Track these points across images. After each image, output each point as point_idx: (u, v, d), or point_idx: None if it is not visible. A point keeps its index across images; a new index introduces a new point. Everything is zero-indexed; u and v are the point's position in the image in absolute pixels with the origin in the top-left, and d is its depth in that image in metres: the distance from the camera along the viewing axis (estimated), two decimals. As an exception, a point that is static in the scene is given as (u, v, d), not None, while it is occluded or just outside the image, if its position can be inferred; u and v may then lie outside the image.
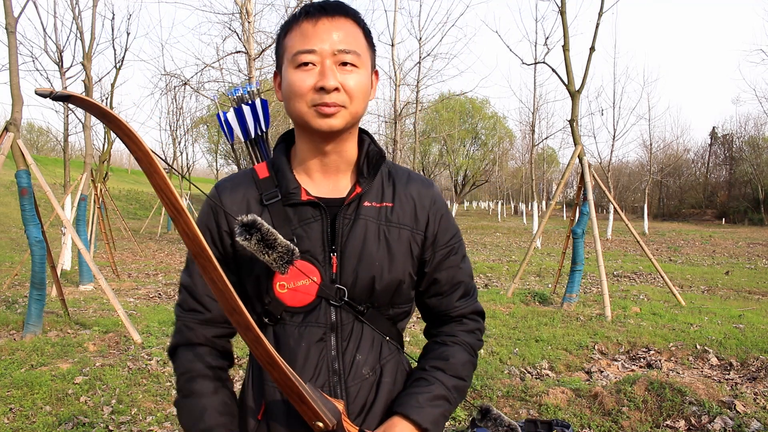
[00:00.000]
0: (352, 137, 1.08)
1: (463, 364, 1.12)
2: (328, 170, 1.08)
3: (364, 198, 1.07)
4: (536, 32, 29.24)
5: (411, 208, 1.10)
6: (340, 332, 1.05)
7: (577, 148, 6.84)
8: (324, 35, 0.98)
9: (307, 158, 1.07)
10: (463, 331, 1.15)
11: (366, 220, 1.06)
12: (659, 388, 3.54)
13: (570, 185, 30.64)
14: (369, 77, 1.04)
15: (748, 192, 37.75)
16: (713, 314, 6.22)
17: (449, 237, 1.13)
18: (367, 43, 1.05)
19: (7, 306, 6.42)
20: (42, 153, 44.19)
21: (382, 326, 1.08)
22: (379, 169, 1.10)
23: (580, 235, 6.72)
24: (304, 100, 0.99)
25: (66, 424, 3.26)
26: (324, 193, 1.08)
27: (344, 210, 1.06)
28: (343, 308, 1.04)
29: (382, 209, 1.08)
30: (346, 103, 0.99)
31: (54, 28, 12.51)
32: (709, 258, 13.31)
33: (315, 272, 1.03)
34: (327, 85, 0.97)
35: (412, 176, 1.14)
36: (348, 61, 0.99)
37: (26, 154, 4.97)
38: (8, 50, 5.16)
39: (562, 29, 7.30)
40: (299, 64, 0.99)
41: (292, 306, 1.03)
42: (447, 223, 1.13)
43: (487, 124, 41.02)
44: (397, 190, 1.10)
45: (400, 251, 1.07)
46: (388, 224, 1.07)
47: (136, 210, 30.33)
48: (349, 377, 1.05)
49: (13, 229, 18.02)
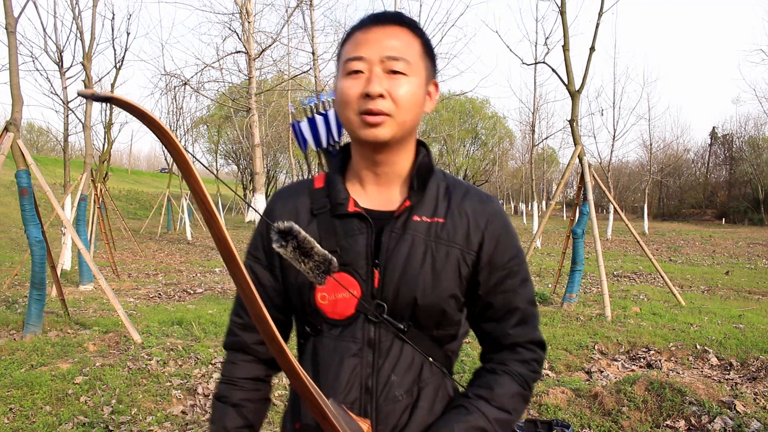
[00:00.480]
0: (405, 149, 1.05)
1: (510, 396, 1.03)
2: (381, 182, 1.06)
3: (415, 212, 1.03)
4: (536, 32, 29.20)
5: (464, 226, 1.03)
6: (377, 349, 1.01)
7: (577, 148, 6.84)
8: (374, 43, 0.98)
9: (360, 169, 1.06)
10: (516, 361, 1.06)
11: (414, 236, 1.02)
12: (659, 388, 3.54)
13: (570, 185, 30.64)
14: (422, 87, 1.01)
15: (748, 192, 37.77)
16: (713, 314, 6.22)
17: (507, 259, 1.05)
18: (424, 52, 1.02)
19: (7, 306, 6.42)
20: (42, 153, 44.19)
21: (425, 347, 1.03)
22: (427, 182, 1.05)
23: (580, 235, 6.72)
24: (352, 108, 0.98)
25: (66, 424, 3.27)
26: (375, 205, 1.05)
27: (392, 224, 1.02)
28: (382, 325, 1.01)
29: (433, 225, 1.03)
30: (392, 111, 0.97)
31: (54, 28, 12.50)
32: (709, 258, 13.31)
33: (355, 285, 1.00)
34: (371, 90, 0.95)
35: (470, 191, 1.08)
36: (397, 69, 0.97)
37: (26, 154, 4.97)
38: (8, 50, 5.16)
39: (562, 29, 7.30)
40: (349, 72, 0.98)
41: (331, 318, 1.02)
42: (505, 244, 1.05)
43: (487, 124, 41.04)
44: (452, 205, 1.05)
45: (447, 271, 1.01)
46: (437, 241, 1.02)
47: (136, 210, 30.33)
48: (381, 396, 1.00)
49: (13, 229, 18.02)
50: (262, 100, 17.52)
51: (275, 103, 19.47)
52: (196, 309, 6.48)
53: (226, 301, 7.23)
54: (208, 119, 28.84)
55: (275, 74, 17.99)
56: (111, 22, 14.38)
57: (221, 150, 35.02)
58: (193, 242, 17.33)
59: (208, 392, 3.85)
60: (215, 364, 4.40)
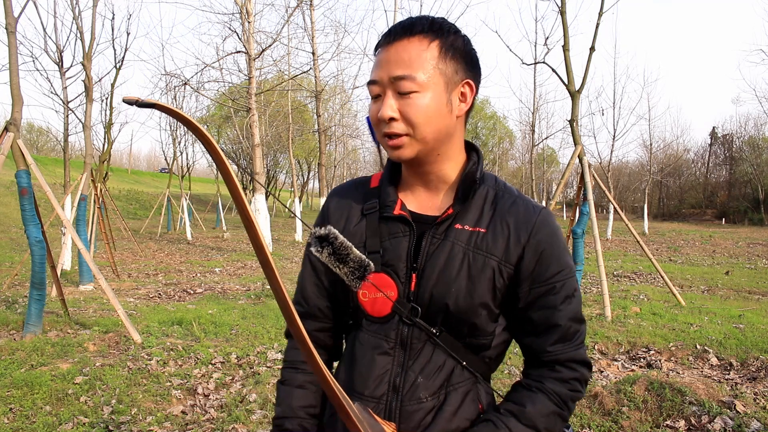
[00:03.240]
0: (447, 158, 1.05)
1: (543, 415, 1.00)
2: (429, 187, 1.08)
3: (458, 220, 1.04)
4: (536, 32, 29.26)
5: (505, 237, 1.02)
6: (408, 350, 1.03)
7: (577, 148, 6.84)
8: (384, 64, 0.98)
9: (408, 175, 1.09)
10: (554, 379, 1.03)
11: (454, 243, 1.02)
12: (659, 388, 3.54)
13: (570, 185, 30.64)
14: (440, 96, 0.98)
15: (748, 192, 37.78)
16: (713, 314, 6.22)
17: (549, 275, 1.02)
18: (443, 55, 0.98)
19: (7, 306, 6.42)
20: (42, 153, 44.20)
21: (458, 352, 1.03)
22: (471, 192, 1.04)
23: (580, 235, 6.72)
24: (379, 131, 1.01)
25: (66, 424, 3.26)
26: (423, 209, 1.07)
27: (434, 229, 1.04)
28: (416, 327, 1.02)
29: (474, 234, 1.03)
30: (408, 131, 0.98)
31: (54, 28, 12.52)
32: (709, 258, 13.31)
33: (393, 287, 1.03)
34: (381, 116, 0.98)
35: (517, 202, 1.05)
36: (404, 89, 0.97)
37: (26, 154, 4.97)
38: (8, 50, 5.16)
39: (562, 29, 7.30)
40: (372, 96, 1.02)
41: (371, 315, 1.05)
42: (549, 259, 1.02)
43: (487, 124, 41.04)
44: (496, 215, 1.04)
45: (481, 281, 1.01)
46: (476, 251, 1.02)
47: (136, 210, 30.33)
48: (407, 396, 1.02)
49: (13, 229, 18.02)
50: (262, 100, 17.52)
51: (275, 103, 19.47)
52: (196, 309, 6.48)
53: (226, 301, 7.23)
54: (208, 119, 28.83)
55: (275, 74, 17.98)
56: (111, 22, 14.40)
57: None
58: (193, 242, 17.33)
59: (208, 392, 3.86)
60: (215, 364, 4.40)
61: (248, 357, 4.57)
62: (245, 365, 4.41)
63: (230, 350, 4.69)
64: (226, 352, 4.63)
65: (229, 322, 5.69)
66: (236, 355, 4.60)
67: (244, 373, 4.25)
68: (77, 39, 10.05)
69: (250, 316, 6.07)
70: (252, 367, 4.38)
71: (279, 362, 4.44)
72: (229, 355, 4.59)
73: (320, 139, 15.34)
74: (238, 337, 5.20)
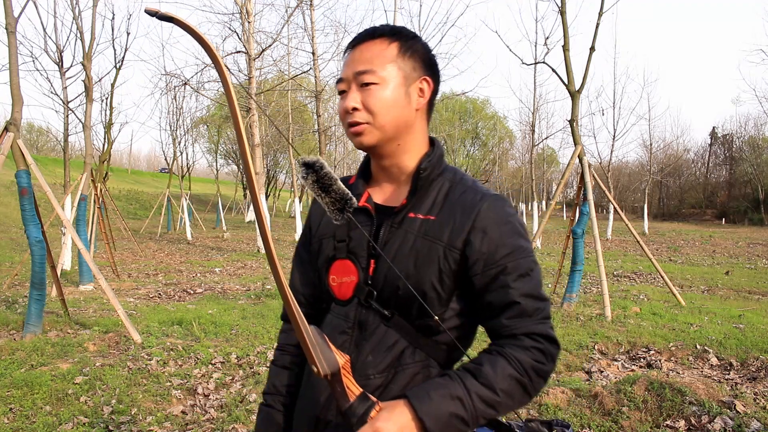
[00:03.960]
0: (407, 150, 1.14)
1: (502, 377, 0.99)
2: (392, 180, 1.18)
3: (413, 209, 1.11)
4: (536, 32, 29.20)
5: (451, 224, 1.07)
6: (364, 330, 1.11)
7: (577, 148, 6.84)
8: (350, 63, 1.11)
9: (375, 169, 1.20)
10: (515, 346, 1.02)
11: (407, 231, 1.10)
12: (659, 388, 3.54)
13: (570, 185, 30.62)
14: (398, 88, 1.09)
15: (748, 192, 37.78)
16: (713, 314, 6.22)
17: (499, 256, 1.04)
18: (400, 54, 1.10)
19: (7, 306, 6.42)
20: (42, 153, 44.19)
21: (409, 334, 1.09)
22: (422, 183, 1.11)
23: (580, 235, 6.72)
24: (344, 122, 1.12)
25: (66, 424, 3.26)
26: (386, 201, 1.17)
27: (392, 219, 1.12)
28: (372, 309, 1.11)
29: (425, 222, 1.09)
30: (368, 119, 1.08)
31: (54, 28, 12.53)
32: (709, 258, 13.31)
33: (355, 272, 1.13)
34: (345, 106, 1.09)
35: (468, 191, 1.11)
36: (366, 81, 1.08)
37: (26, 154, 4.97)
38: (8, 50, 5.16)
39: (562, 29, 7.30)
40: (339, 93, 1.13)
41: (337, 298, 1.16)
42: (496, 242, 1.05)
43: (488, 124, 41.03)
44: (446, 204, 1.10)
45: (428, 265, 1.06)
46: (424, 237, 1.08)
47: (136, 210, 30.33)
48: (356, 373, 1.06)
49: (13, 229, 18.02)
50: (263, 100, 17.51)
51: (275, 103, 19.48)
52: (196, 309, 6.49)
53: (226, 301, 7.23)
54: (208, 119, 28.84)
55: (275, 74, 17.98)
56: (111, 22, 14.40)
57: (221, 150, 34.99)
58: (193, 242, 17.33)
59: (208, 392, 3.86)
60: (215, 364, 4.40)
61: (248, 357, 4.57)
62: (245, 365, 4.41)
63: (230, 350, 4.69)
64: (226, 352, 4.63)
65: (229, 322, 5.69)
66: (236, 355, 4.60)
67: (244, 373, 4.25)
68: (77, 39, 10.06)
69: (250, 316, 6.07)
70: (252, 367, 4.38)
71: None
72: (229, 355, 4.59)
73: (320, 139, 15.34)
74: (238, 337, 5.20)
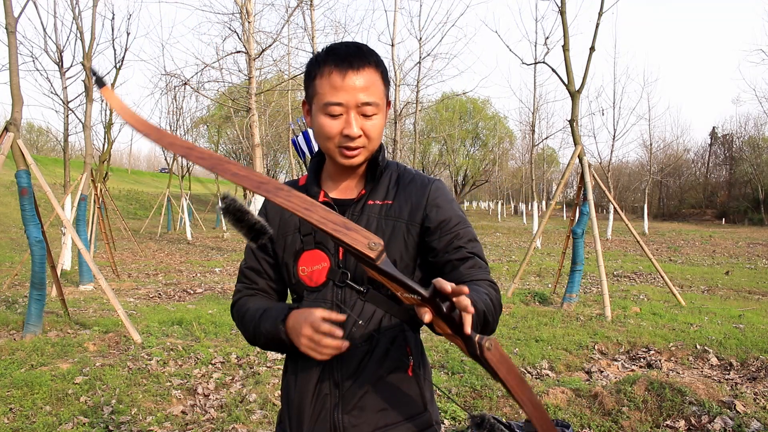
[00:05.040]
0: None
1: (485, 292, 1.16)
2: (348, 179, 1.32)
3: (370, 197, 1.28)
4: (536, 32, 29.15)
5: (408, 204, 1.27)
6: (343, 308, 1.23)
7: (577, 148, 6.84)
8: (350, 89, 1.17)
9: (332, 173, 1.33)
10: (478, 281, 1.21)
11: (369, 215, 1.26)
12: (659, 388, 3.54)
13: (570, 185, 30.63)
14: (384, 115, 1.24)
15: (748, 192, 37.76)
16: (713, 314, 6.22)
17: (452, 224, 1.26)
18: (384, 83, 1.24)
19: (7, 306, 6.42)
20: (42, 153, 44.18)
21: (383, 304, 1.22)
22: (376, 173, 1.29)
23: (580, 235, 6.72)
24: (333, 141, 1.21)
25: (66, 424, 3.26)
26: (342, 195, 1.32)
27: (353, 208, 1.27)
28: (347, 288, 1.23)
29: (384, 206, 1.27)
30: (366, 144, 1.22)
31: (54, 28, 12.50)
32: (709, 258, 13.31)
33: (326, 259, 1.25)
34: (352, 133, 1.18)
35: (415, 178, 1.32)
36: (368, 113, 1.20)
37: (26, 154, 4.97)
38: (8, 50, 5.16)
39: (562, 29, 7.30)
40: (329, 114, 1.19)
41: (309, 286, 1.26)
42: (446, 213, 1.27)
43: (488, 125, 41.02)
44: (399, 189, 1.29)
45: (393, 240, 1.24)
46: (386, 218, 1.26)
47: (136, 210, 30.32)
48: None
49: (13, 229, 18.02)
50: (262, 100, 17.52)
51: (275, 103, 19.48)
52: (196, 309, 6.49)
53: (226, 301, 7.23)
54: (208, 119, 28.82)
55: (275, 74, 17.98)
56: (111, 22, 14.39)
57: (221, 150, 35.00)
58: (193, 242, 17.33)
59: (208, 392, 3.86)
60: (215, 364, 4.40)
61: (248, 357, 4.57)
62: (245, 365, 4.41)
63: (230, 350, 4.69)
64: (226, 352, 4.63)
65: (229, 322, 5.69)
66: (236, 355, 4.60)
67: (244, 373, 4.25)
68: (77, 39, 10.05)
69: (250, 316, 6.07)
70: (252, 367, 4.38)
71: (279, 362, 4.44)
72: (229, 355, 4.59)
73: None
74: (238, 337, 5.19)
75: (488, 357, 0.89)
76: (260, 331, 1.25)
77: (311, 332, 1.13)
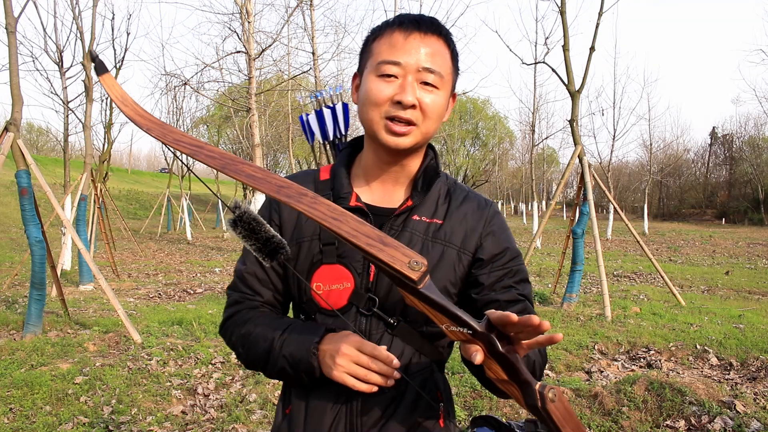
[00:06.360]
0: (419, 154, 1.08)
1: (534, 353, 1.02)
2: (387, 180, 1.09)
3: (415, 212, 1.06)
4: (536, 32, 29.18)
5: (462, 228, 1.07)
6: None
7: (577, 148, 6.84)
8: (413, 50, 0.98)
9: (370, 166, 1.09)
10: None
11: (412, 234, 1.04)
12: (659, 388, 3.54)
13: (570, 185, 30.62)
14: (447, 99, 1.04)
15: (748, 192, 37.77)
16: (713, 314, 6.22)
17: (506, 259, 1.08)
18: (453, 65, 1.04)
19: (7, 306, 6.42)
20: (42, 153, 44.17)
21: (415, 342, 1.03)
22: (432, 185, 1.08)
23: (580, 235, 6.72)
24: (379, 109, 0.99)
25: (66, 424, 3.26)
26: (377, 201, 1.08)
27: (392, 220, 1.06)
28: (374, 318, 1.02)
29: (431, 225, 1.06)
30: (419, 120, 0.99)
31: (54, 28, 12.52)
32: (709, 258, 13.31)
33: (349, 278, 1.02)
34: (405, 100, 0.96)
35: (470, 196, 1.12)
36: (430, 81, 0.99)
37: (26, 154, 4.97)
38: (8, 50, 5.16)
39: (562, 29, 7.30)
40: (382, 74, 0.99)
41: (324, 308, 1.04)
42: (502, 245, 1.09)
43: (488, 125, 41.03)
44: (451, 208, 1.09)
45: (441, 269, 1.04)
46: (434, 241, 1.05)
47: (136, 210, 30.32)
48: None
49: (13, 229, 18.02)
50: (262, 100, 17.51)
51: (275, 103, 19.47)
52: (196, 309, 6.48)
53: (226, 301, 7.23)
54: (208, 119, 28.80)
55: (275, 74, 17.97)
56: (111, 22, 14.41)
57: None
58: (193, 242, 17.33)
59: (208, 392, 3.85)
60: (215, 364, 4.40)
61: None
62: (245, 365, 4.41)
63: (230, 350, 4.69)
64: (226, 352, 4.63)
65: (229, 322, 5.69)
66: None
67: (244, 373, 4.25)
68: (77, 39, 10.07)
69: (250, 316, 6.07)
70: (252, 367, 4.37)
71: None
72: (229, 355, 4.58)
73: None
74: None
75: (551, 410, 0.75)
76: (277, 355, 1.00)
77: (357, 354, 0.92)
